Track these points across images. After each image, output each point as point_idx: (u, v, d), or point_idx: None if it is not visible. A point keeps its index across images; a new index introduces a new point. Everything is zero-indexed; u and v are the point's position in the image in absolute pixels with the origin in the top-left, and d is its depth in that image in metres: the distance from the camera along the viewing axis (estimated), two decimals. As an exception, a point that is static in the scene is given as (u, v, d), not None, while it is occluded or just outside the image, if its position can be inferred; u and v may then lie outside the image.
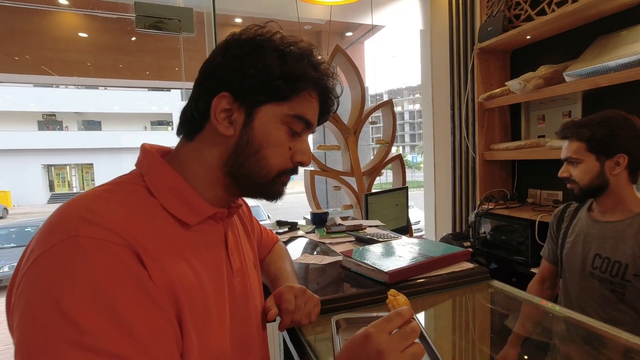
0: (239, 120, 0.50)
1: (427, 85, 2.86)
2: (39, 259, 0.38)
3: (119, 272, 0.38)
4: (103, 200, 0.43)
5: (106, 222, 0.40)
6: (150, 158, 0.50)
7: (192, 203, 0.50)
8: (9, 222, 10.73)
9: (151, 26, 1.50)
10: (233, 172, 0.52)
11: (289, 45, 0.51)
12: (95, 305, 0.36)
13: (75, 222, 0.39)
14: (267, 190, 0.55)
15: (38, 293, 0.36)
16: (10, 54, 4.41)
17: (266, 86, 0.50)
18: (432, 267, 0.89)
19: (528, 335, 0.77)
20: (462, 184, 2.48)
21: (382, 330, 0.42)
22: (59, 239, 0.38)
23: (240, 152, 0.51)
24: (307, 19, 2.57)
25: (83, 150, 18.00)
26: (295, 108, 0.52)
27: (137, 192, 0.47)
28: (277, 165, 0.52)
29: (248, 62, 0.49)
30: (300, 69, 0.51)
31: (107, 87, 17.24)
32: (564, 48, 1.87)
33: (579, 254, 1.14)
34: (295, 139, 0.54)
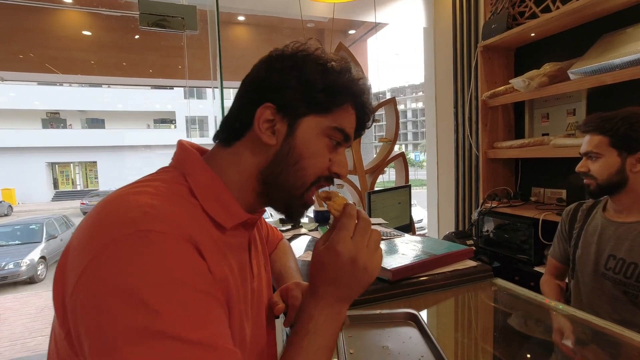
0: (282, 131, 0.52)
1: (431, 83, 2.85)
2: (105, 249, 0.38)
3: (188, 264, 0.40)
4: (159, 197, 0.44)
5: (169, 217, 0.42)
6: (193, 159, 0.52)
7: (230, 207, 0.51)
8: (13, 219, 10.81)
9: (155, 24, 1.50)
10: (269, 181, 0.53)
11: (330, 60, 0.53)
12: (173, 295, 0.37)
13: (141, 216, 0.40)
14: (292, 205, 0.55)
15: (113, 283, 0.36)
16: (15, 52, 4.43)
17: (309, 98, 0.51)
18: (435, 264, 0.89)
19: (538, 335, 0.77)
20: (465, 182, 2.47)
21: (345, 239, 0.46)
22: (127, 231, 0.38)
23: (280, 162, 0.52)
24: (310, 17, 2.57)
25: (87, 148, 18.07)
26: (336, 120, 0.53)
27: (182, 192, 0.48)
28: (313, 175, 0.53)
29: (292, 75, 0.51)
30: (341, 82, 0.52)
31: (110, 85, 17.31)
32: (569, 45, 1.86)
33: (592, 254, 1.12)
34: (333, 151, 0.55)
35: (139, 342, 0.34)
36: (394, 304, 0.79)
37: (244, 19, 4.67)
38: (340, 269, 0.46)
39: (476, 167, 2.33)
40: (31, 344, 3.84)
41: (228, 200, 0.51)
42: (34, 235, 7.08)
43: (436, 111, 2.82)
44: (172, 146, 0.59)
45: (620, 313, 1.03)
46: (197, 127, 17.56)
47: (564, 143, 1.67)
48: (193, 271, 0.40)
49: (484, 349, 0.68)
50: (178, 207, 0.45)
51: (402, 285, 0.82)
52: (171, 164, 0.53)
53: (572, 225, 1.24)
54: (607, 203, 1.17)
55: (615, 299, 1.05)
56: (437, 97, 2.81)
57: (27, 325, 4.32)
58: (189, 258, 0.40)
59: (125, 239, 0.38)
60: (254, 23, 5.15)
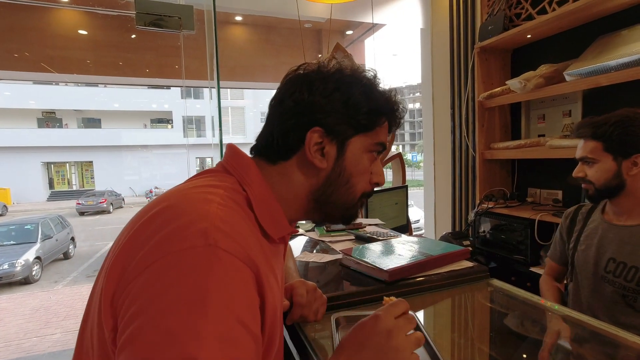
0: (332, 153, 0.54)
1: (428, 84, 2.86)
2: (174, 255, 0.39)
3: (244, 295, 0.41)
4: (226, 209, 0.45)
5: (237, 236, 0.43)
6: (251, 170, 0.53)
7: (279, 221, 0.53)
8: (8, 219, 10.73)
9: (151, 24, 1.49)
10: (321, 200, 0.55)
11: (368, 79, 0.56)
12: (219, 322, 0.37)
13: (213, 231, 0.41)
14: (349, 215, 0.58)
15: (173, 292, 0.37)
16: (10, 51, 4.40)
17: (355, 120, 0.54)
18: (431, 265, 0.89)
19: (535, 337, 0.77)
20: (462, 182, 2.48)
21: (389, 313, 0.46)
22: (199, 243, 0.39)
23: (332, 183, 0.54)
24: (307, 17, 2.57)
25: (83, 148, 17.98)
26: (377, 136, 0.56)
27: (242, 202, 0.49)
28: (361, 189, 0.56)
29: (336, 98, 0.53)
30: (382, 103, 0.55)
31: (107, 84, 17.23)
32: (565, 47, 1.87)
33: (591, 257, 1.12)
34: (373, 162, 0.58)
35: (169, 357, 0.35)
36: (390, 304, 0.79)
37: (241, 19, 4.67)
38: (374, 334, 0.45)
39: (473, 168, 2.34)
40: (26, 345, 3.81)
41: (278, 214, 0.53)
42: (29, 236, 7.03)
43: (433, 112, 2.83)
44: (169, 146, 0.58)
45: (618, 316, 1.03)
46: (194, 127, 17.52)
47: (560, 144, 1.68)
48: (247, 305, 0.41)
49: (480, 350, 0.68)
50: (242, 221, 0.46)
51: (399, 286, 0.82)
52: (225, 167, 0.54)
53: (571, 228, 1.24)
54: (605, 205, 1.17)
55: (614, 302, 1.05)
56: (434, 98, 2.81)
57: (21, 326, 4.28)
58: (246, 289, 0.42)
59: (197, 250, 0.39)
60: (251, 23, 5.14)
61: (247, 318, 0.40)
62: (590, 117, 1.10)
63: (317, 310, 0.68)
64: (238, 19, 4.56)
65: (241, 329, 0.39)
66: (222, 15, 3.98)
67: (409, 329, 0.46)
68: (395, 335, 0.44)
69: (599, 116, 1.08)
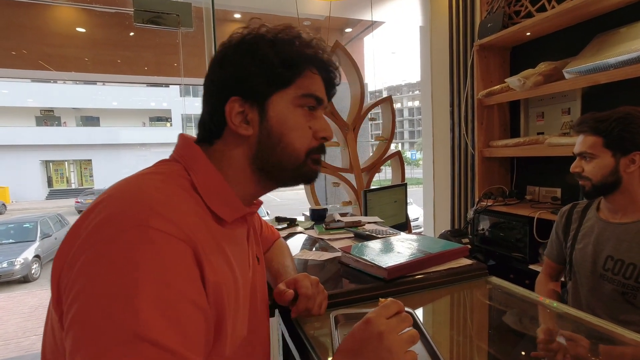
0: (255, 118, 0.53)
1: (427, 82, 2.85)
2: (106, 239, 0.40)
3: (181, 270, 0.41)
4: (166, 193, 0.46)
5: (172, 215, 0.43)
6: (196, 155, 0.53)
7: (230, 202, 0.53)
8: (7, 218, 10.72)
9: (149, 21, 1.49)
10: (263, 167, 0.55)
11: (277, 33, 0.54)
12: (157, 297, 0.38)
13: (146, 212, 0.41)
14: (301, 173, 0.56)
15: (105, 274, 0.38)
16: (8, 49, 4.38)
17: (269, 77, 0.52)
18: (430, 263, 0.89)
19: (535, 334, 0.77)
20: (461, 180, 2.48)
21: (380, 315, 0.46)
22: (130, 225, 0.40)
23: (265, 146, 0.54)
24: (306, 15, 2.56)
25: (81, 146, 17.94)
26: (301, 88, 0.54)
27: (186, 186, 0.50)
28: (302, 146, 0.55)
29: (246, 62, 0.52)
30: (294, 51, 0.53)
31: (105, 82, 17.19)
32: (564, 45, 1.87)
33: (589, 255, 1.12)
34: (311, 118, 0.56)
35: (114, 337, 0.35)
36: (389, 302, 0.79)
37: (240, 17, 4.65)
38: (366, 338, 0.45)
39: (472, 166, 2.34)
40: (24, 343, 3.81)
41: (228, 196, 0.53)
42: (28, 234, 7.02)
43: (432, 110, 2.82)
44: (169, 144, 0.59)
45: (618, 313, 1.04)
46: (193, 125, 17.41)
47: (559, 142, 1.68)
48: (184, 278, 0.41)
49: (479, 347, 0.68)
50: (182, 203, 0.46)
51: (398, 284, 0.82)
52: (172, 156, 0.55)
53: (567, 226, 1.24)
54: (600, 203, 1.18)
55: (613, 299, 1.05)
56: (434, 95, 2.81)
57: (20, 325, 4.29)
58: (183, 263, 0.42)
59: (128, 232, 0.40)
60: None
61: (188, 289, 0.41)
62: (591, 113, 1.10)
63: (321, 303, 0.68)
64: (236, 17, 4.54)
65: (183, 301, 0.40)
66: (220, 13, 3.96)
67: (402, 328, 0.46)
68: (386, 336, 0.44)
69: (600, 112, 1.08)
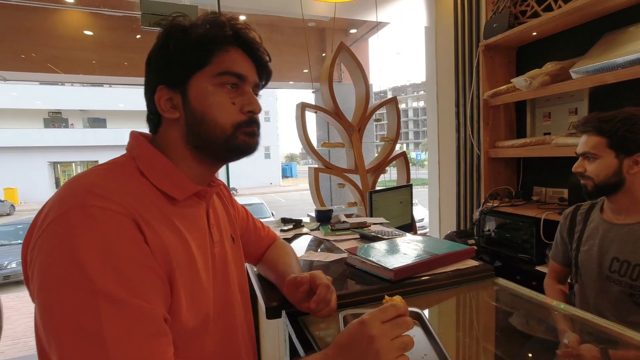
0: (179, 102, 0.58)
1: (432, 83, 2.85)
2: (53, 222, 0.45)
3: (121, 235, 0.46)
4: (105, 178, 0.51)
5: (109, 194, 0.48)
6: (141, 145, 0.59)
7: (179, 182, 0.57)
8: (15, 218, 10.87)
9: (156, 24, 1.50)
10: (196, 144, 0.59)
11: (190, 20, 0.59)
12: (103, 261, 0.43)
13: (84, 194, 0.47)
14: (231, 146, 0.59)
15: (54, 249, 0.44)
16: (17, 52, 4.44)
17: (184, 61, 0.57)
18: (437, 264, 0.89)
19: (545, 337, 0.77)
20: (466, 181, 2.47)
21: (375, 317, 0.46)
22: (71, 206, 0.45)
23: (192, 125, 0.58)
24: (311, 16, 2.57)
25: (88, 148, 18.10)
26: (217, 67, 0.58)
27: (131, 172, 0.55)
28: (226, 121, 0.58)
29: (163, 52, 0.58)
30: (204, 33, 0.57)
31: (111, 84, 17.32)
32: (571, 44, 1.85)
33: (595, 257, 1.11)
34: (237, 94, 0.59)
35: (72, 299, 0.42)
36: (395, 303, 0.79)
37: (245, 18, 4.67)
38: (357, 338, 0.45)
39: (477, 167, 2.33)
40: (32, 342, 3.84)
41: (176, 176, 0.57)
42: (36, 235, 7.10)
43: (438, 110, 2.82)
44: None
45: (626, 315, 1.03)
46: (198, 127, 17.51)
47: (566, 142, 1.67)
48: (126, 242, 0.46)
49: (486, 349, 0.68)
50: (123, 185, 0.51)
51: (404, 285, 0.82)
52: (126, 151, 0.60)
53: (572, 228, 1.23)
54: (603, 204, 1.17)
55: (621, 301, 1.04)
56: (439, 96, 2.80)
57: (28, 325, 4.33)
58: (123, 230, 0.47)
59: (69, 212, 0.45)
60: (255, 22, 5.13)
61: (131, 251, 0.46)
62: (595, 113, 1.09)
63: (334, 302, 0.68)
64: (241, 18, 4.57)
65: (129, 261, 0.45)
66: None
67: (397, 333, 0.45)
68: (377, 340, 0.44)
69: (604, 112, 1.07)
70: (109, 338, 0.42)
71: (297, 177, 31.05)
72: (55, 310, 0.42)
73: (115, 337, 0.42)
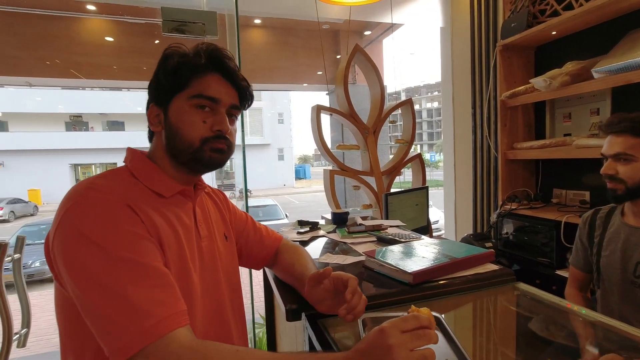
0: (162, 117, 0.70)
1: (448, 83, 2.82)
2: (63, 215, 0.56)
3: (118, 214, 0.57)
4: (102, 178, 0.64)
5: (105, 188, 0.60)
6: (133, 154, 0.71)
7: (164, 181, 0.69)
8: (39, 219, 11.23)
9: (176, 30, 1.54)
10: (172, 153, 0.70)
11: (177, 48, 0.70)
12: (109, 233, 0.55)
13: (85, 190, 0.59)
14: (198, 158, 0.69)
15: (68, 235, 0.55)
16: (42, 59, 4.61)
17: (167, 85, 0.68)
18: (456, 268, 0.89)
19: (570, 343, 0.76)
20: (483, 183, 2.43)
21: (395, 326, 0.46)
22: (75, 200, 0.57)
23: (169, 137, 0.69)
24: (326, 19, 2.59)
25: (107, 150, 18.59)
26: (193, 90, 0.68)
27: (124, 174, 0.67)
28: (194, 136, 0.68)
29: (155, 76, 0.70)
30: (181, 61, 0.68)
31: (130, 88, 17.74)
32: (592, 43, 1.81)
33: (617, 262, 1.08)
34: (209, 114, 0.69)
35: (90, 264, 0.53)
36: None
37: (260, 22, 4.72)
38: (376, 347, 0.45)
39: (495, 168, 2.30)
40: (56, 339, 3.96)
41: (161, 177, 0.69)
42: (59, 235, 7.30)
43: (453, 111, 2.78)
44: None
45: None
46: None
47: (588, 143, 1.63)
48: (124, 218, 0.57)
49: (507, 355, 0.67)
50: (117, 184, 0.63)
51: (423, 289, 0.82)
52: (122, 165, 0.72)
53: (591, 233, 1.20)
54: (624, 207, 1.12)
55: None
56: (455, 97, 2.77)
57: (51, 322, 4.46)
58: (120, 211, 0.58)
59: (74, 204, 0.57)
60: (270, 25, 5.19)
61: (127, 224, 0.57)
62: (624, 113, 1.06)
63: (363, 306, 0.68)
64: (257, 22, 4.62)
65: (131, 234, 0.56)
66: (242, 19, 4.05)
67: (416, 345, 0.44)
68: (395, 350, 0.44)
69: (635, 112, 1.04)
70: (130, 291, 0.51)
71: (310, 178, 31.10)
72: (82, 281, 0.52)
73: (134, 290, 0.52)
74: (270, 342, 1.38)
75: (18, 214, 14.22)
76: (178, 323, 0.53)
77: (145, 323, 0.50)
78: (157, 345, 0.50)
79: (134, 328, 0.50)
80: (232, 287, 0.78)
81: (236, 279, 0.81)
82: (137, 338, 0.50)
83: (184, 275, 0.64)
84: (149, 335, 0.50)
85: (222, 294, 0.74)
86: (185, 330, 0.54)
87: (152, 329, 0.51)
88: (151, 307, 0.52)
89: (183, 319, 0.55)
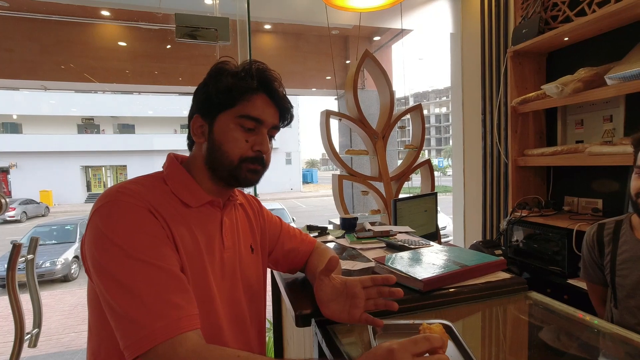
0: (206, 130, 0.72)
1: (458, 89, 2.81)
2: (94, 214, 0.61)
3: (142, 219, 0.61)
4: (134, 183, 0.67)
5: (133, 193, 0.63)
6: (171, 162, 0.74)
7: (193, 190, 0.71)
8: (50, 220, 11.40)
9: (189, 35, 1.56)
10: (211, 166, 0.72)
11: (226, 67, 0.72)
12: (130, 235, 0.58)
13: (115, 193, 0.62)
14: (234, 175, 0.72)
15: (96, 234, 0.59)
16: (57, 63, 4.72)
17: (216, 101, 0.70)
18: (467, 276, 0.88)
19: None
20: (493, 190, 2.41)
21: (405, 349, 0.43)
22: (105, 202, 0.62)
23: (211, 151, 0.71)
24: (336, 25, 2.60)
25: (118, 153, 18.87)
26: (240, 111, 0.70)
27: (157, 181, 0.70)
28: (235, 154, 0.70)
29: (204, 89, 0.72)
30: (228, 83, 0.70)
31: (140, 92, 18.02)
32: (605, 50, 1.79)
33: (635, 277, 1.04)
34: (251, 134, 0.72)
35: (113, 264, 0.56)
36: (425, 314, 0.78)
37: (271, 27, 4.77)
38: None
39: (505, 175, 2.28)
40: (65, 339, 4.02)
41: (192, 187, 0.72)
42: (69, 235, 7.41)
43: (463, 117, 2.77)
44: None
45: None
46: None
47: (601, 151, 1.61)
48: (146, 222, 0.61)
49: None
50: (148, 190, 0.65)
51: (434, 296, 0.81)
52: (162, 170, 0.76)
53: (601, 250, 1.16)
54: (631, 221, 1.09)
55: None
56: (464, 103, 2.76)
57: (61, 322, 4.52)
58: (144, 216, 0.61)
59: (104, 205, 0.61)
60: (281, 31, 5.25)
61: (153, 230, 0.61)
62: None
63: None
64: (267, 27, 4.67)
65: (151, 237, 0.60)
66: (253, 24, 4.10)
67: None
68: None
69: None
70: (145, 292, 0.55)
71: (317, 183, 31.11)
72: (103, 279, 0.57)
73: (149, 291, 0.55)
74: (277, 347, 1.38)
75: (30, 215, 14.47)
76: (188, 326, 0.55)
77: (157, 324, 0.53)
78: (166, 347, 0.53)
79: (146, 328, 0.53)
80: (252, 297, 0.80)
81: (258, 288, 0.83)
82: (148, 338, 0.52)
83: (201, 282, 0.67)
84: (159, 335, 0.53)
85: (239, 302, 0.76)
86: (194, 334, 0.56)
87: (163, 330, 0.53)
88: (164, 309, 0.54)
89: (193, 323, 0.57)
